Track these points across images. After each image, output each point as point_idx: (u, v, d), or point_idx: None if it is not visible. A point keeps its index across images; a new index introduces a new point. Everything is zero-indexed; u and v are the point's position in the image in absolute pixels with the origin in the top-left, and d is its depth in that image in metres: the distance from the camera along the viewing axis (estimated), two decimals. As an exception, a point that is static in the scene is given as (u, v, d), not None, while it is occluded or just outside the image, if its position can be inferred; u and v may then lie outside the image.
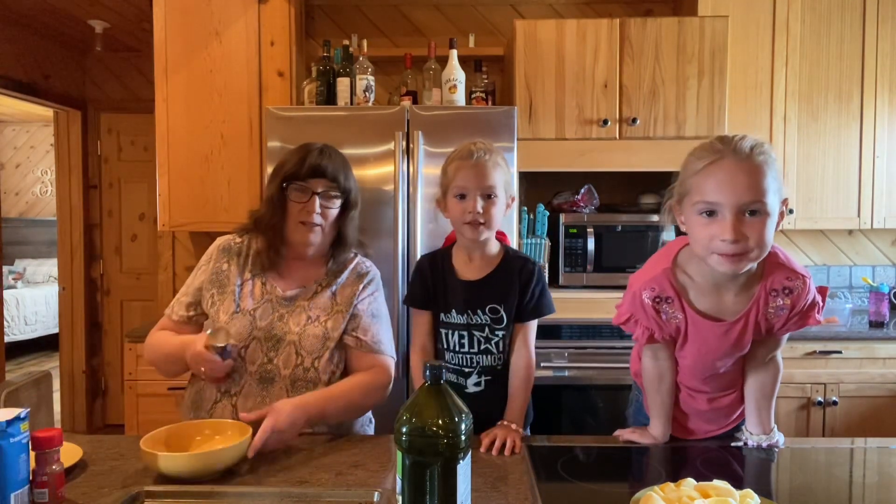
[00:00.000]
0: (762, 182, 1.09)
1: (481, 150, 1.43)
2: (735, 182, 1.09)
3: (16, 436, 0.97)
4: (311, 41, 3.15)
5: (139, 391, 2.65)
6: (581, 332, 2.52)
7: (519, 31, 2.68)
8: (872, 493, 1.18)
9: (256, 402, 1.42)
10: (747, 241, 1.09)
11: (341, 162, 1.53)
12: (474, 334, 1.49)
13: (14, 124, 7.46)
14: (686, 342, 1.30)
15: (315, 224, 1.47)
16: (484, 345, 1.49)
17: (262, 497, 1.06)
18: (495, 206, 1.43)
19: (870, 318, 2.77)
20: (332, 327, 1.48)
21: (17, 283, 6.91)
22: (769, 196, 1.09)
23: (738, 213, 1.09)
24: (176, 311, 1.54)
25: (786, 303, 1.21)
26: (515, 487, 1.13)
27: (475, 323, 1.48)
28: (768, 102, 2.83)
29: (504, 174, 1.45)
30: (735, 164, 1.10)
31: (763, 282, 1.21)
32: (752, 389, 1.33)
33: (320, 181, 1.47)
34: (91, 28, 3.68)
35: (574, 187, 2.82)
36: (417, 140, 2.39)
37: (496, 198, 1.42)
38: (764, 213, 1.09)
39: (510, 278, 1.48)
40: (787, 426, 2.56)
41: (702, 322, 1.25)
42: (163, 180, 2.80)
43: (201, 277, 1.54)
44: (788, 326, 1.25)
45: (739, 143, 1.11)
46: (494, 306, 1.47)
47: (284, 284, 1.52)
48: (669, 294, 1.25)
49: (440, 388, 0.93)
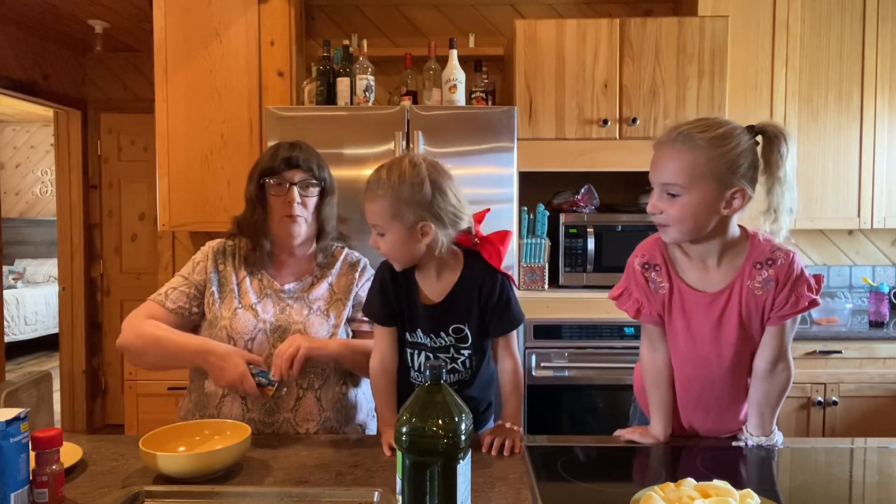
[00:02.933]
0: (679, 166, 1.19)
1: (372, 181, 1.32)
2: (657, 164, 1.23)
3: (16, 436, 0.97)
4: (311, 41, 3.15)
5: (139, 391, 2.65)
6: (581, 332, 2.52)
7: (519, 31, 2.68)
8: (872, 492, 1.18)
9: None
10: (665, 216, 1.22)
11: (313, 153, 1.56)
12: (439, 356, 1.40)
13: (14, 124, 7.46)
14: (671, 317, 1.31)
15: (297, 215, 1.49)
16: (450, 365, 1.40)
17: (262, 497, 1.06)
18: (384, 240, 1.32)
19: (870, 318, 2.77)
20: (334, 316, 1.53)
21: (17, 283, 6.91)
22: (688, 180, 1.18)
23: (660, 191, 1.23)
24: (172, 300, 1.51)
25: (770, 274, 1.24)
26: (515, 487, 1.13)
27: (439, 346, 1.40)
28: (768, 102, 2.83)
29: (385, 205, 1.28)
30: (661, 149, 1.23)
31: (747, 255, 1.26)
32: (757, 395, 1.31)
33: (296, 172, 1.50)
34: (91, 28, 3.68)
35: (574, 187, 2.82)
36: (417, 140, 2.39)
37: (384, 233, 1.31)
38: (681, 195, 1.19)
39: (470, 297, 1.37)
40: (787, 426, 2.56)
41: (687, 291, 1.29)
42: (163, 180, 2.80)
43: (202, 275, 1.55)
44: (781, 308, 1.23)
45: (675, 129, 1.21)
46: (458, 326, 1.39)
47: (281, 278, 1.56)
48: (658, 261, 1.32)
49: (440, 388, 0.93)
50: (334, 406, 1.50)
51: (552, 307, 2.54)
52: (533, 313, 2.50)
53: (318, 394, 1.48)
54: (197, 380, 1.52)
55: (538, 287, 2.66)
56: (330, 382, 1.51)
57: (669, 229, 1.24)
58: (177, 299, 1.51)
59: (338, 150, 2.41)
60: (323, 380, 1.50)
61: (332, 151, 2.39)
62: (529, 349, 2.51)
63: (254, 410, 1.45)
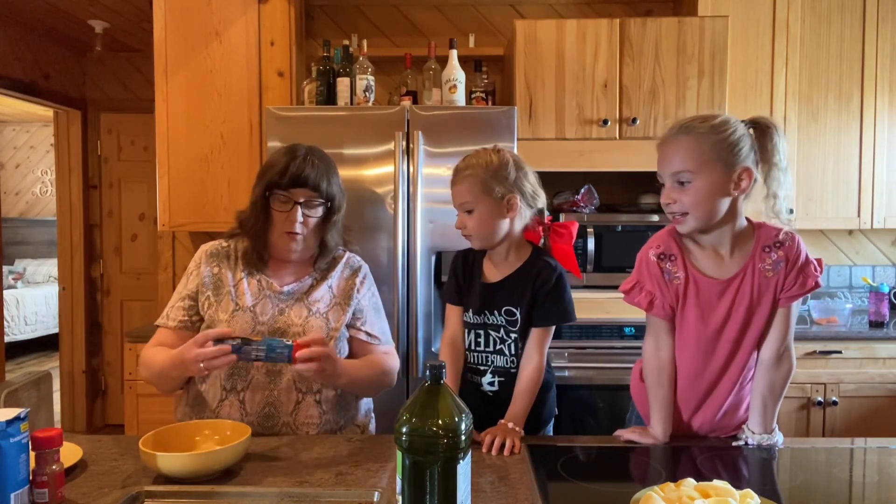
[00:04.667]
0: (686, 155, 1.26)
1: (459, 167, 1.50)
2: (664, 158, 1.30)
3: (16, 436, 0.97)
4: (311, 41, 3.15)
5: (139, 391, 2.65)
6: (581, 332, 2.52)
7: (519, 31, 2.68)
8: (872, 493, 1.18)
9: (265, 396, 1.44)
10: (680, 204, 1.27)
11: (325, 167, 1.51)
12: (490, 333, 1.53)
13: (14, 124, 7.46)
14: (685, 306, 1.34)
15: (297, 233, 1.47)
16: (498, 345, 1.52)
17: (262, 497, 1.06)
18: (472, 217, 1.47)
19: (870, 318, 2.77)
20: (334, 319, 1.51)
21: (17, 283, 6.91)
22: (696, 165, 1.25)
23: (672, 181, 1.29)
24: (173, 318, 1.51)
25: (780, 255, 1.29)
26: (515, 487, 1.13)
27: (491, 323, 1.52)
28: (768, 102, 2.83)
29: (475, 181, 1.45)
30: (666, 141, 1.30)
31: (756, 241, 1.31)
32: (762, 385, 1.32)
33: (302, 191, 1.46)
34: (91, 28, 3.68)
35: (574, 187, 2.81)
36: (417, 140, 2.39)
37: (473, 209, 1.47)
38: (693, 181, 1.26)
39: (526, 282, 1.49)
40: (787, 426, 2.56)
41: (702, 279, 1.33)
42: (163, 180, 2.80)
43: (195, 281, 1.53)
44: (790, 288, 1.28)
45: (676, 124, 1.29)
46: (510, 308, 1.50)
47: (279, 280, 1.54)
48: (673, 252, 1.35)
49: (440, 388, 0.93)
50: (334, 408, 1.50)
51: (552, 307, 2.54)
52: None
53: (318, 396, 1.48)
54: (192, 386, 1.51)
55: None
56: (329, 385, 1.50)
57: (686, 218, 1.28)
58: (176, 316, 1.51)
59: (338, 151, 2.41)
60: (320, 382, 1.48)
61: (332, 151, 2.36)
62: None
63: (252, 414, 1.44)
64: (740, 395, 1.38)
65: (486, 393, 1.54)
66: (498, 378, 1.53)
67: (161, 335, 1.52)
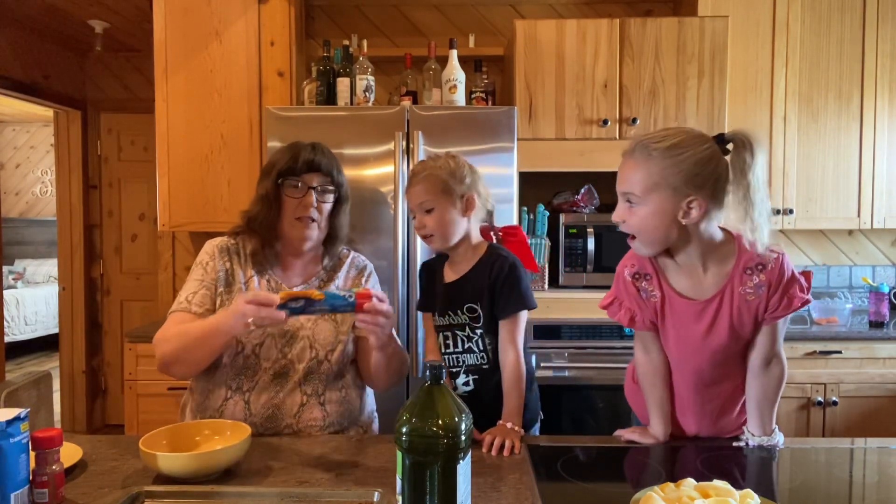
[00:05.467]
0: (635, 176, 1.21)
1: (416, 170, 1.56)
2: (619, 174, 1.26)
3: (16, 436, 0.97)
4: (311, 41, 3.15)
5: (139, 391, 2.65)
6: (581, 332, 2.52)
7: (519, 31, 2.68)
8: (872, 493, 1.18)
9: (270, 397, 1.45)
10: (628, 225, 1.25)
11: (333, 158, 1.56)
12: (457, 334, 1.55)
13: (14, 124, 7.46)
14: (664, 324, 1.32)
15: (311, 219, 1.48)
16: (467, 343, 1.54)
17: (262, 497, 1.06)
18: (432, 216, 1.50)
19: (870, 318, 2.77)
20: (342, 320, 1.52)
21: (17, 283, 6.91)
22: (643, 189, 1.20)
23: (622, 200, 1.26)
24: (197, 304, 1.45)
25: (761, 279, 1.23)
26: (515, 487, 1.13)
27: (456, 323, 1.54)
28: (768, 102, 2.83)
29: (435, 182, 1.50)
30: (623, 159, 1.26)
31: (737, 259, 1.24)
32: (754, 392, 1.31)
33: (315, 175, 1.49)
34: (91, 28, 3.68)
35: (574, 187, 2.81)
36: (417, 140, 2.39)
37: (432, 208, 1.50)
38: (638, 205, 1.22)
39: (482, 276, 1.50)
40: (787, 426, 2.56)
41: (678, 300, 1.29)
42: (163, 180, 2.80)
43: (214, 272, 1.50)
44: (774, 310, 1.24)
45: (636, 140, 1.24)
46: (472, 305, 1.52)
47: (288, 280, 1.54)
48: (648, 271, 1.32)
49: (440, 388, 0.93)
50: (338, 409, 1.50)
51: (552, 307, 2.54)
52: (533, 313, 2.49)
53: (322, 399, 1.48)
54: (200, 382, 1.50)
55: (538, 287, 2.66)
56: (333, 387, 1.50)
57: (636, 243, 1.26)
58: (202, 302, 1.46)
59: (338, 151, 2.38)
60: (325, 385, 1.49)
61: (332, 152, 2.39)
62: (529, 349, 2.50)
63: (256, 415, 1.44)
64: (734, 403, 1.37)
65: (462, 395, 1.55)
66: (472, 377, 1.55)
67: (179, 319, 1.44)
